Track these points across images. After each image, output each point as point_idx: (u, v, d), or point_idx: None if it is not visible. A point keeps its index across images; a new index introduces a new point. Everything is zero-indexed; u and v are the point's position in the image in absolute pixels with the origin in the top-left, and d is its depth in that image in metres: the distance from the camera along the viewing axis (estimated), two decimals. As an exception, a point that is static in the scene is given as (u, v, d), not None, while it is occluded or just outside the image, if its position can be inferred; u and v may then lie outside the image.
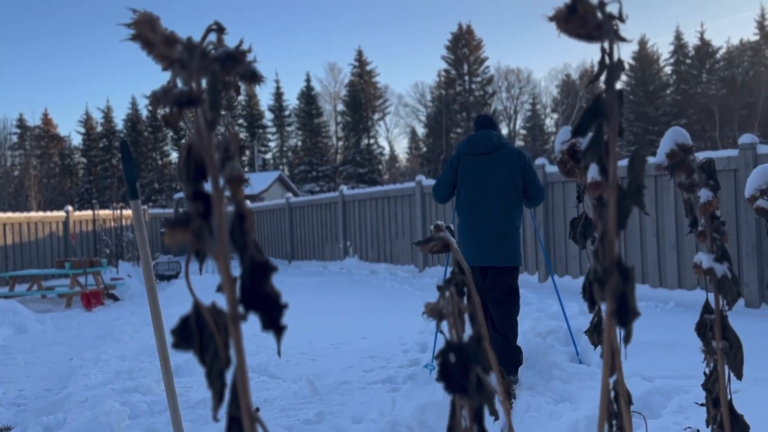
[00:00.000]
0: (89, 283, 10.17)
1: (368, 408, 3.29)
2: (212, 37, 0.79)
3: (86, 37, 63.53)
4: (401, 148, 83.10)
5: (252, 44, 0.80)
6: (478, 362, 0.91)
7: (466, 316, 1.20)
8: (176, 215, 0.76)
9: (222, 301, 0.83)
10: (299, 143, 46.68)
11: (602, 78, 0.93)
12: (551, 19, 0.88)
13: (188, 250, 0.81)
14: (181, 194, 32.07)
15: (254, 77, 0.81)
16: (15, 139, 44.08)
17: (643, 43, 42.12)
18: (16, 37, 61.45)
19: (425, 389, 3.53)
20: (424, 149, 47.05)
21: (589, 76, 47.18)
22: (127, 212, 15.57)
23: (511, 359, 3.70)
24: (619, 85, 0.91)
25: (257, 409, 0.81)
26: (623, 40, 0.89)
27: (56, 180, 41.01)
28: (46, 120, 43.83)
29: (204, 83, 0.77)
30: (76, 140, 44.71)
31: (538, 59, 69.37)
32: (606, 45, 0.88)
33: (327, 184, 41.43)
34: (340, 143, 46.87)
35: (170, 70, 0.77)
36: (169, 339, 2.22)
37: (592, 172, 1.28)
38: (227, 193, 0.79)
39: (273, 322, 0.80)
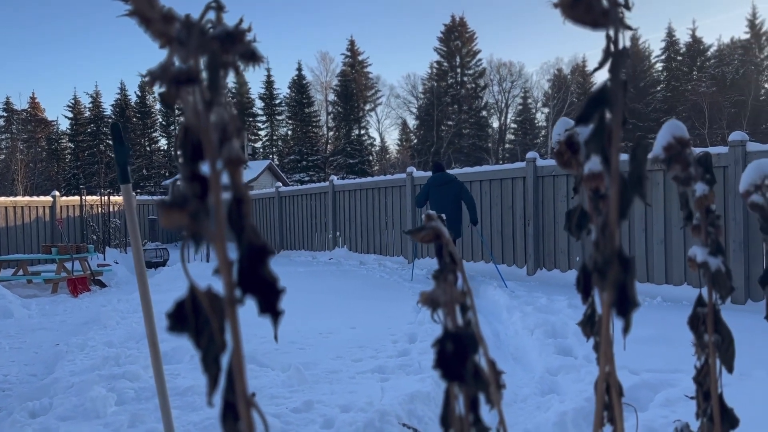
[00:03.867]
0: (76, 269, 10.09)
1: (357, 397, 3.29)
2: (211, 15, 0.77)
3: (75, 21, 62.76)
4: (392, 139, 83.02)
5: (252, 23, 0.78)
6: (474, 351, 0.90)
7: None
8: (173, 196, 0.74)
9: (218, 286, 0.81)
10: (289, 132, 46.48)
11: (606, 66, 0.92)
12: (556, 5, 0.87)
13: (184, 233, 0.80)
14: (169, 181, 31.83)
15: (254, 57, 0.79)
16: (1, 122, 43.55)
17: (634, 40, 42.23)
18: (4, 19, 60.59)
19: (414, 379, 3.54)
20: (415, 141, 47.02)
21: (580, 71, 47.32)
22: (115, 198, 15.45)
23: None
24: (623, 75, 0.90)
25: (253, 394, 0.80)
26: (629, 28, 0.88)
27: (43, 165, 40.60)
28: (34, 104, 43.33)
29: (202, 62, 0.75)
30: (64, 125, 44.25)
31: (530, 53, 69.44)
32: (611, 32, 0.87)
33: (317, 174, 41.32)
34: (331, 133, 46.72)
35: (167, 48, 0.75)
36: (158, 325, 2.19)
37: (590, 164, 1.28)
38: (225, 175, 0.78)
39: (270, 306, 0.79)
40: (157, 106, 44.23)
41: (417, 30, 68.35)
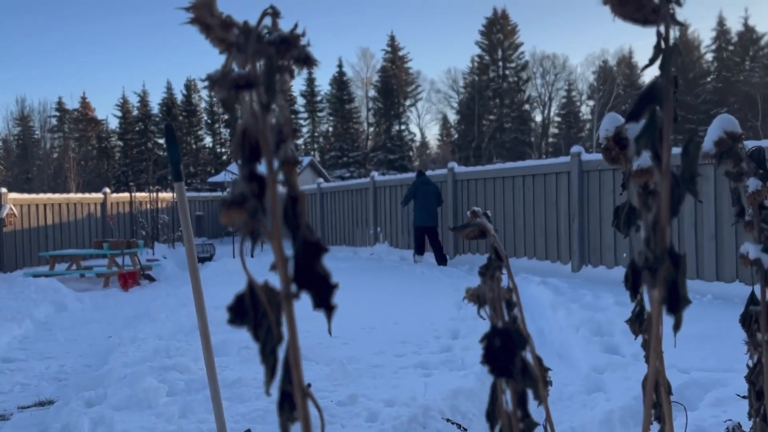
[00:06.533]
0: (126, 264, 10.42)
1: (400, 392, 3.32)
2: (267, 21, 0.80)
3: (123, 22, 64.52)
4: (432, 134, 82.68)
5: (306, 28, 0.81)
6: (523, 347, 0.91)
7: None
8: (232, 196, 0.78)
9: (273, 280, 0.85)
10: (330, 129, 46.82)
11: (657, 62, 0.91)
12: (605, 2, 0.87)
13: (242, 231, 0.83)
14: (215, 177, 32.47)
15: (308, 61, 0.82)
16: (54, 122, 45.14)
17: (683, 30, 41.07)
18: (57, 22, 62.73)
19: (457, 375, 3.54)
20: (456, 136, 46.76)
21: (627, 62, 46.16)
22: (163, 195, 15.85)
23: (444, 260, 9.99)
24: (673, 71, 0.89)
25: (309, 385, 0.83)
26: (680, 23, 0.88)
27: (94, 162, 41.92)
28: (84, 103, 44.73)
29: (259, 66, 0.78)
30: (113, 124, 45.51)
31: (575, 45, 68.08)
32: (662, 29, 0.86)
33: (357, 170, 41.51)
34: (371, 129, 46.86)
35: (226, 54, 0.79)
36: (210, 317, 2.25)
37: (639, 159, 1.27)
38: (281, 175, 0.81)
39: (324, 301, 0.81)
40: (203, 104, 45.12)
41: (458, 24, 67.89)
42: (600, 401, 2.98)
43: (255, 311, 0.83)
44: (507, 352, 0.90)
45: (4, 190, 12.34)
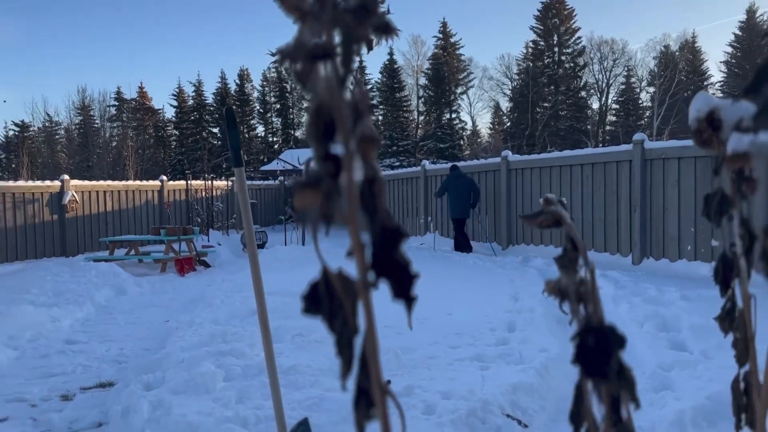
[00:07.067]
0: (182, 250, 10.65)
1: (457, 384, 3.25)
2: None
3: (178, 11, 65.96)
4: (484, 123, 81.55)
5: (385, -6, 0.74)
6: (621, 347, 0.83)
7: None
8: (307, 176, 0.72)
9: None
10: (380, 117, 46.77)
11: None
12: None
13: (316, 214, 0.77)
14: (267, 166, 32.90)
15: (388, 29, 0.75)
16: (113, 111, 46.62)
17: (751, 13, 39.14)
18: (116, 13, 64.67)
19: (515, 369, 3.45)
20: (508, 124, 46.00)
21: (690, 47, 44.14)
22: (217, 183, 16.14)
23: (469, 248, 10.62)
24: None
25: (388, 382, 0.77)
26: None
27: (151, 151, 43.10)
28: (142, 93, 45.98)
29: (335, 37, 0.72)
30: (169, 113, 46.63)
31: (635, 29, 65.70)
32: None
33: (407, 159, 41.36)
34: (422, 118, 46.58)
35: (300, 23, 0.73)
36: (268, 303, 2.18)
37: (734, 143, 1.17)
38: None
39: (405, 291, 0.75)
40: (255, 94, 45.74)
41: (512, 9, 66.55)
42: (669, 400, 2.84)
43: (330, 301, 0.77)
44: (602, 352, 0.82)
45: (66, 177, 12.79)
